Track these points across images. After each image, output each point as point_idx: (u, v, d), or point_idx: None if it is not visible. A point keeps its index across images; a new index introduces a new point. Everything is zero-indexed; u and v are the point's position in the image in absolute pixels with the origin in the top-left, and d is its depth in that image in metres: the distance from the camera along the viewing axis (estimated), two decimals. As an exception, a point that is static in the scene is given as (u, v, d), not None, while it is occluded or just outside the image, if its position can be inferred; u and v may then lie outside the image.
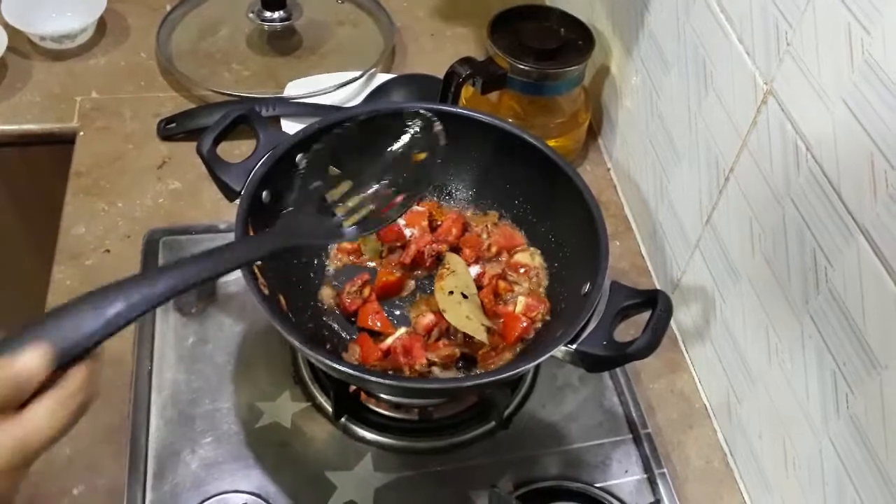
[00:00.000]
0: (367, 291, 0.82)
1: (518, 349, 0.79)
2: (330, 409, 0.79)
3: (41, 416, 0.43)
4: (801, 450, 0.70)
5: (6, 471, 0.42)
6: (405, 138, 0.71)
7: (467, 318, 0.78)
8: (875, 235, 0.58)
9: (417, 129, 0.71)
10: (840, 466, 0.65)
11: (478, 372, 0.77)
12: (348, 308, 0.81)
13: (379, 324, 0.80)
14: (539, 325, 0.80)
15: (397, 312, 0.82)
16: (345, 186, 0.69)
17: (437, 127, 0.70)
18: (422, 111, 0.72)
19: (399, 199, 0.69)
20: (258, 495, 0.73)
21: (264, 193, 0.75)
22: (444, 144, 0.70)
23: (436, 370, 0.77)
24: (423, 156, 0.71)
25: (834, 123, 0.61)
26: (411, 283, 0.84)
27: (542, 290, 0.83)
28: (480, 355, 0.78)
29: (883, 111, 0.56)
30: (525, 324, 0.79)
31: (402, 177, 0.70)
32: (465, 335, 0.78)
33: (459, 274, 0.82)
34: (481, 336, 0.77)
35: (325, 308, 0.82)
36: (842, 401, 0.64)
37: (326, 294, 0.83)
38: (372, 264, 0.85)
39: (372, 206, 0.68)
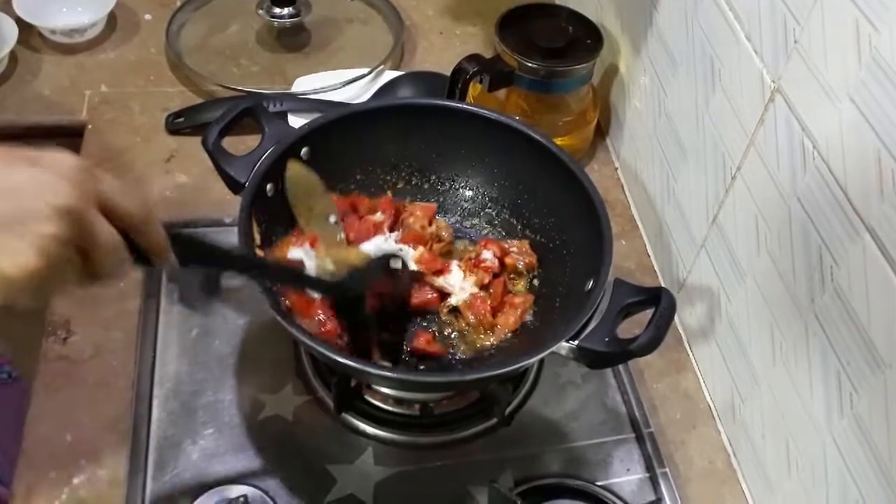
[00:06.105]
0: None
1: (516, 340, 0.79)
2: (331, 403, 0.79)
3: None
4: (804, 450, 0.69)
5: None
6: None
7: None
8: (881, 234, 0.58)
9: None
10: (843, 467, 0.64)
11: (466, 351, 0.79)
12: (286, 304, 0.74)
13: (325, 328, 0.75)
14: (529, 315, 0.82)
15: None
16: None
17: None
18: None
19: None
20: (258, 487, 0.73)
21: (268, 186, 0.75)
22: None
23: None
24: None
25: (841, 121, 0.61)
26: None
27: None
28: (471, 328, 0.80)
29: (890, 109, 0.56)
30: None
31: None
32: (455, 332, 0.80)
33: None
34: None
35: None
36: (846, 400, 0.63)
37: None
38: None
39: None
